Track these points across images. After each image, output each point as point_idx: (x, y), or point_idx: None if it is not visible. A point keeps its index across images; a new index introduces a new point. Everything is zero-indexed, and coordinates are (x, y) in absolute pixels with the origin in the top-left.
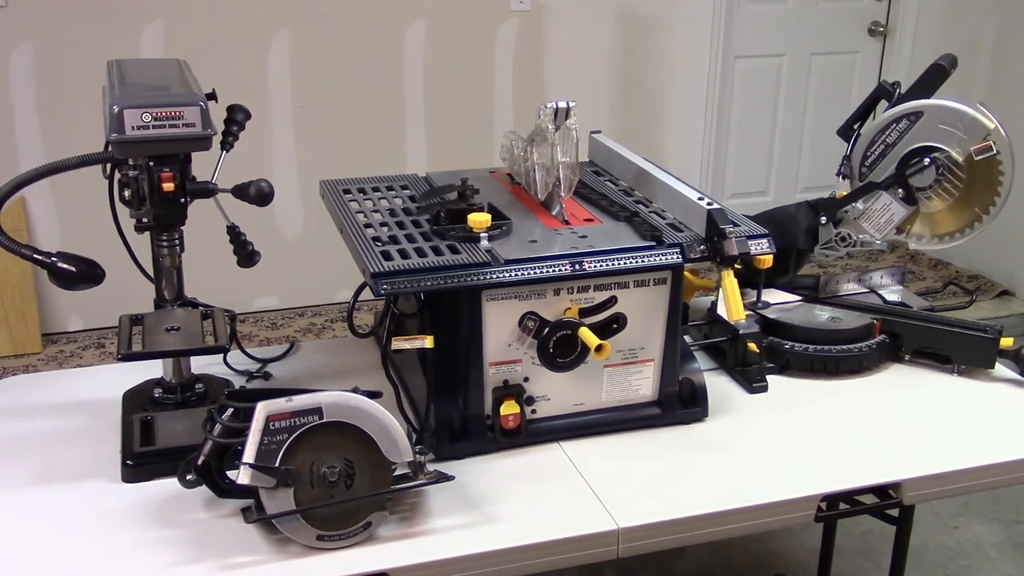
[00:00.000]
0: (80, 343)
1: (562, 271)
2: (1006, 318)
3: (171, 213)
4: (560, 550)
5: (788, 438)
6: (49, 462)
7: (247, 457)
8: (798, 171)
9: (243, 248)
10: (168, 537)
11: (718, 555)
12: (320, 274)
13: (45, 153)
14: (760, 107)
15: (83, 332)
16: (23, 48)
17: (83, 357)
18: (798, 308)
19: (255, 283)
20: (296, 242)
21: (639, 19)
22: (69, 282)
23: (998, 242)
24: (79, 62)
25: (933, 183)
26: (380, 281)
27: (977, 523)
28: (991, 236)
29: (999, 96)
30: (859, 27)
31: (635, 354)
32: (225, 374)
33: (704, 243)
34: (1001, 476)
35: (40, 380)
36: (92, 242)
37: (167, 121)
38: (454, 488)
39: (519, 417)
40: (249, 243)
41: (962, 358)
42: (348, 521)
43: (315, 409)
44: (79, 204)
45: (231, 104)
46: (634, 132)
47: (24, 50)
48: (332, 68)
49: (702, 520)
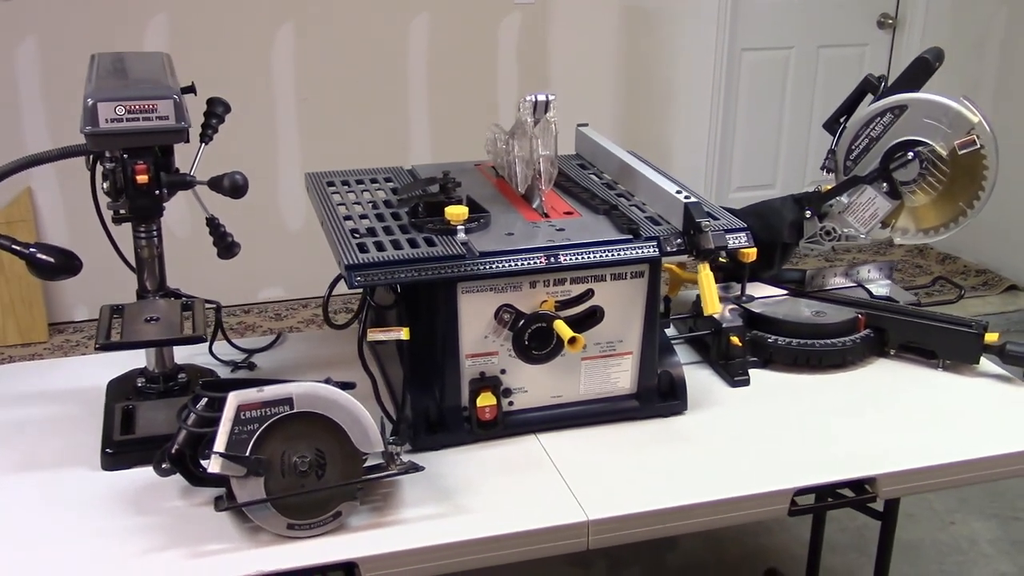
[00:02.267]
0: (86, 332)
1: (537, 264)
2: (1013, 313)
3: (146, 205)
4: (529, 541)
5: (766, 432)
6: (32, 449)
7: (218, 446)
8: (806, 165)
9: (222, 240)
10: (142, 525)
11: (711, 548)
12: (324, 265)
13: (51, 145)
14: (767, 100)
15: (89, 322)
16: (28, 41)
17: (88, 346)
18: (783, 302)
19: (260, 274)
20: (300, 234)
21: (644, 11)
22: (49, 273)
23: (1007, 236)
24: (84, 55)
25: (917, 177)
26: (354, 273)
27: (974, 519)
28: (1000, 230)
29: (1009, 88)
30: (868, 19)
31: (613, 347)
32: (211, 364)
33: (681, 237)
34: (982, 471)
35: (31, 368)
36: (98, 233)
37: (141, 114)
38: (428, 479)
39: (495, 409)
40: (228, 235)
41: (947, 353)
42: (318, 510)
43: (286, 399)
44: (86, 195)
45: (210, 97)
46: (639, 125)
47: (29, 43)
48: (336, 61)
49: (673, 513)
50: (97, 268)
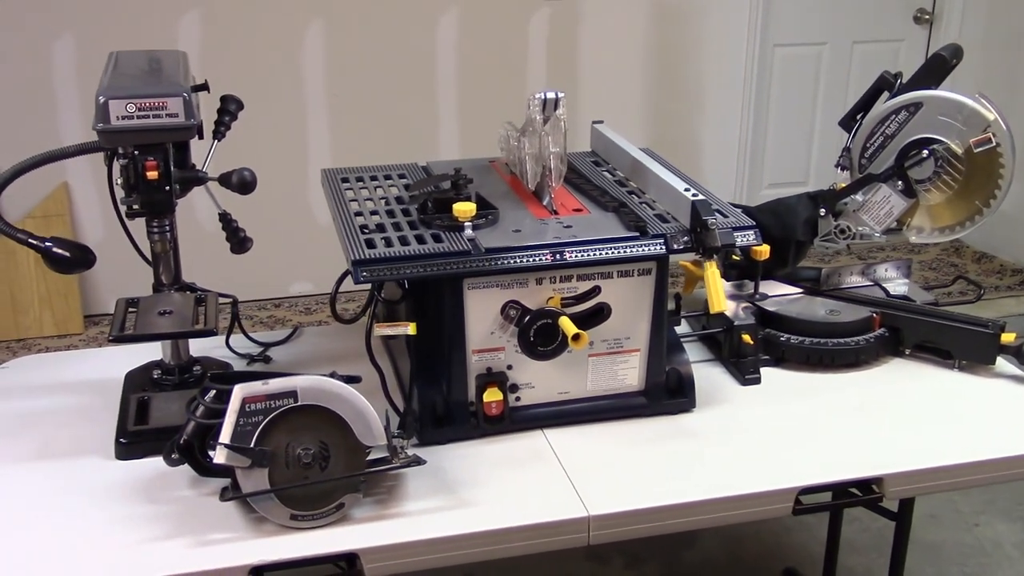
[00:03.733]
0: None
1: (543, 261)
2: None
3: (158, 200)
4: (529, 535)
5: (773, 431)
6: (50, 439)
7: (223, 437)
8: None
9: (235, 235)
10: (151, 513)
11: (729, 546)
12: None
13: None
14: (799, 97)
15: None
16: (65, 37)
17: None
18: (798, 300)
19: (291, 269)
20: (330, 229)
21: (675, 7)
22: (65, 267)
23: None
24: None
25: (932, 175)
26: (360, 269)
27: (1000, 521)
28: None
29: None
30: (904, 14)
31: (620, 344)
32: (228, 357)
33: (688, 234)
34: (994, 472)
35: (52, 360)
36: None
37: (151, 111)
38: (433, 472)
39: (502, 404)
40: (241, 230)
41: (963, 353)
42: (321, 502)
43: (290, 392)
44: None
45: (224, 95)
46: (669, 121)
47: (67, 39)
48: (365, 59)
49: (674, 510)
50: (131, 261)
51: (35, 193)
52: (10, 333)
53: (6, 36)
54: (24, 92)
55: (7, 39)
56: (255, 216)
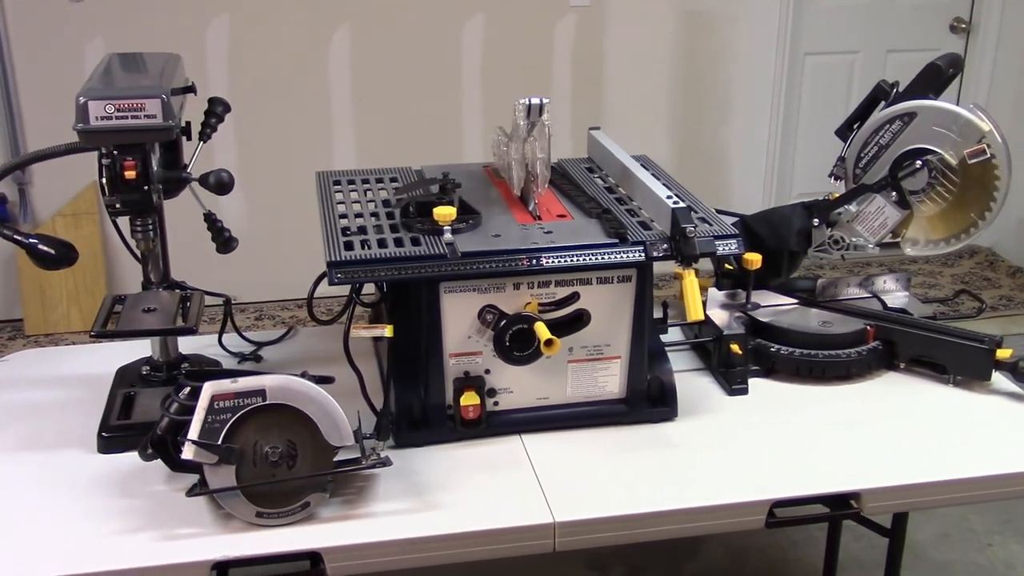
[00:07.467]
0: None
1: (518, 266)
2: None
3: (137, 200)
4: (494, 540)
5: (754, 442)
6: (38, 431)
7: (191, 434)
8: None
9: (220, 235)
10: (124, 507)
11: (731, 558)
12: None
13: None
14: (831, 107)
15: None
16: (96, 41)
17: None
18: (791, 311)
19: (314, 271)
20: None
21: (703, 13)
22: (50, 263)
23: None
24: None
25: (926, 186)
26: (335, 270)
27: (1015, 541)
28: None
29: None
30: (940, 23)
31: (600, 351)
32: (220, 356)
33: (668, 242)
34: (974, 491)
35: (51, 354)
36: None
37: (129, 112)
38: (405, 475)
39: (479, 408)
40: (226, 230)
41: (957, 368)
42: (288, 500)
43: (259, 391)
44: None
45: (211, 97)
46: (697, 128)
47: (97, 43)
48: (391, 63)
49: (642, 519)
50: None
51: (65, 192)
52: (40, 328)
53: (41, 39)
54: (57, 93)
55: (42, 42)
56: (286, 217)
